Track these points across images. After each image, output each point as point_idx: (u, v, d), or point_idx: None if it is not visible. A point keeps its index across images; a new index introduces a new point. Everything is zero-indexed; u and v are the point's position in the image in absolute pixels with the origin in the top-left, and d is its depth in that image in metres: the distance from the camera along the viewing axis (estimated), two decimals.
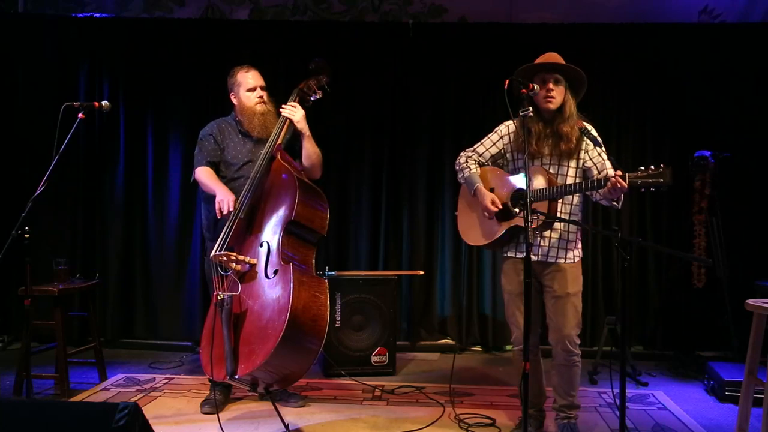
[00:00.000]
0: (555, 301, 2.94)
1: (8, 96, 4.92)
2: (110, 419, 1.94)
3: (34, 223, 3.17)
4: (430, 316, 4.99)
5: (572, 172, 2.94)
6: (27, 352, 3.31)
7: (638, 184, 2.57)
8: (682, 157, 4.47)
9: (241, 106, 3.41)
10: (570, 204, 2.96)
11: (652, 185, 2.55)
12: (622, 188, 2.62)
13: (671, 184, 2.54)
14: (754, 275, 4.27)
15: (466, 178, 3.10)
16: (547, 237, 2.95)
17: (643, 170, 2.57)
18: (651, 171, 2.55)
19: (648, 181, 2.55)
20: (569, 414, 3.03)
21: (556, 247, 2.95)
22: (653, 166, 2.56)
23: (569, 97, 2.89)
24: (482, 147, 3.14)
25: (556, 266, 2.95)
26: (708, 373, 3.92)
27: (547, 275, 2.96)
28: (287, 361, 2.81)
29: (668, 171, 2.52)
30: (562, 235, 2.95)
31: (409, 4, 5.02)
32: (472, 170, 3.09)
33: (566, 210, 2.95)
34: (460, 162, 3.15)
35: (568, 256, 2.96)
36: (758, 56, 4.67)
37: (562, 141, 2.88)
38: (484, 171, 3.11)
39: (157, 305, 4.96)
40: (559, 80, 2.87)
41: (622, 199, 2.82)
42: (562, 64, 2.89)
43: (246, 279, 2.98)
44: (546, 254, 2.95)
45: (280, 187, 3.08)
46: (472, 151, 3.14)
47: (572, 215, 2.96)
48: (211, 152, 3.39)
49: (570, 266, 2.95)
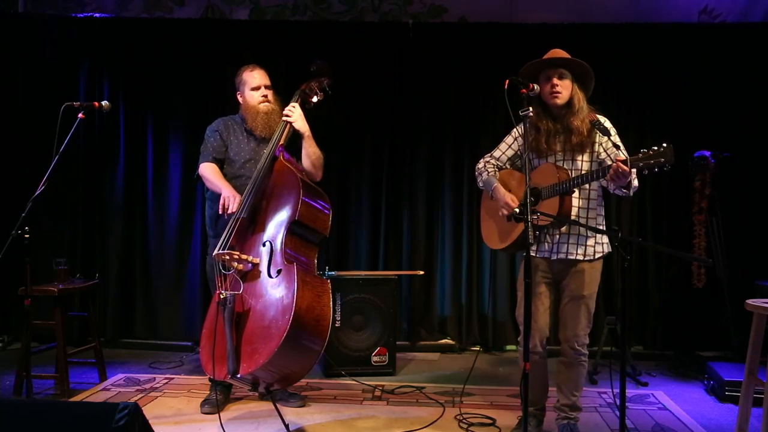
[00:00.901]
0: (569, 301, 2.95)
1: (8, 96, 4.92)
2: (110, 419, 1.94)
3: (34, 223, 3.17)
4: (430, 316, 4.99)
5: (586, 165, 2.93)
6: (27, 352, 3.31)
7: (640, 167, 2.55)
8: (682, 157, 4.46)
9: (246, 105, 3.43)
10: (587, 198, 2.94)
11: (655, 166, 2.51)
12: (624, 172, 2.59)
13: (674, 163, 2.49)
14: (754, 275, 4.27)
15: (485, 181, 3.12)
16: (559, 233, 2.94)
17: (645, 151, 2.54)
18: (652, 152, 2.52)
19: (650, 162, 2.52)
20: (570, 415, 3.03)
21: (566, 242, 2.93)
22: (655, 146, 2.53)
23: (577, 90, 2.89)
24: (498, 151, 3.15)
25: (575, 265, 2.93)
26: (708, 373, 3.92)
27: (565, 274, 2.96)
28: (289, 361, 2.81)
29: (669, 149, 2.48)
30: (573, 229, 2.94)
31: (409, 4, 5.02)
32: (489, 173, 3.11)
33: (584, 204, 2.94)
34: (479, 167, 3.17)
35: (587, 252, 2.92)
36: (758, 56, 4.67)
37: (573, 135, 2.87)
38: (502, 174, 3.13)
39: (157, 305, 4.96)
40: (563, 75, 2.87)
41: (634, 186, 2.77)
42: (564, 58, 2.89)
43: (248, 278, 2.98)
44: (560, 251, 2.94)
45: (283, 187, 3.08)
46: (490, 156, 3.17)
47: (590, 209, 2.95)
48: (216, 148, 3.41)
49: (589, 266, 2.94)
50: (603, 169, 2.73)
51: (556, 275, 3.00)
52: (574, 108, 2.88)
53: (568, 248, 2.94)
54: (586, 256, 2.93)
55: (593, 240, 2.94)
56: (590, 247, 2.94)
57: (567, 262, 2.95)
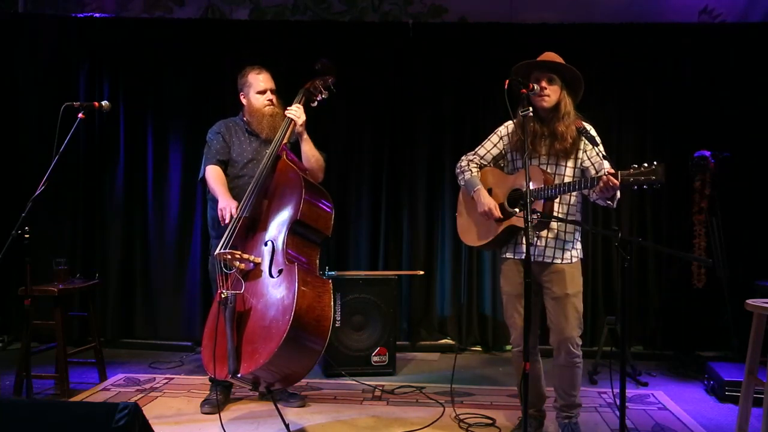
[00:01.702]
0: (555, 302, 2.94)
1: (8, 96, 4.92)
2: (110, 419, 1.94)
3: (34, 223, 3.17)
4: (430, 316, 4.99)
5: (570, 171, 2.93)
6: (27, 352, 3.31)
7: (630, 182, 2.55)
8: (682, 157, 4.47)
9: (251, 108, 3.43)
10: (567, 204, 2.95)
11: (645, 183, 2.51)
12: (614, 186, 2.59)
13: (664, 182, 2.49)
14: (754, 275, 4.26)
15: (467, 180, 3.10)
16: (543, 237, 2.93)
17: (635, 167, 2.54)
18: (644, 168, 2.52)
19: (640, 179, 2.52)
20: (570, 413, 3.03)
21: (552, 247, 2.94)
22: (646, 163, 2.53)
23: (565, 96, 2.88)
24: (483, 149, 3.14)
25: (553, 267, 2.94)
26: (708, 373, 3.92)
27: (545, 276, 2.96)
28: (290, 361, 2.81)
29: (661, 168, 2.48)
30: (559, 234, 2.94)
31: (409, 4, 5.02)
32: (473, 173, 3.10)
33: (563, 210, 2.94)
34: (462, 165, 3.16)
35: (565, 256, 2.94)
36: (758, 56, 4.67)
37: (557, 140, 2.88)
38: (484, 172, 3.12)
39: (157, 305, 4.96)
40: (553, 79, 2.87)
41: (618, 198, 2.79)
42: (554, 63, 2.88)
43: (250, 278, 2.98)
44: (542, 254, 2.94)
45: (286, 187, 3.08)
46: (473, 154, 3.15)
47: (570, 215, 2.95)
48: (220, 151, 3.41)
49: (568, 267, 2.94)
50: (591, 179, 2.72)
51: (534, 276, 2.95)
52: (560, 113, 2.88)
53: (546, 251, 2.93)
54: (563, 260, 2.94)
55: (571, 245, 2.95)
56: (567, 251, 2.94)
57: (544, 265, 2.95)
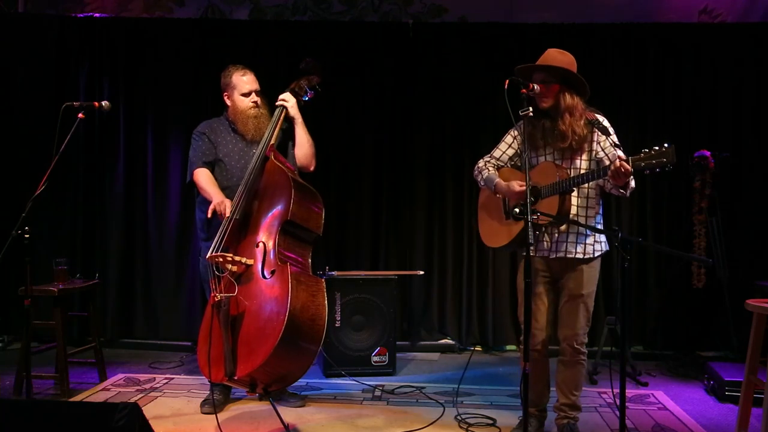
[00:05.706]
0: (568, 300, 2.96)
1: (8, 96, 4.92)
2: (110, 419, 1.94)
3: (34, 223, 3.17)
4: (430, 316, 4.99)
5: (585, 165, 2.93)
6: (27, 352, 3.30)
7: (642, 167, 2.55)
8: (682, 157, 4.45)
9: (235, 109, 3.43)
10: (586, 197, 2.95)
11: (657, 166, 2.51)
12: (627, 172, 2.59)
13: (675, 163, 2.49)
14: (754, 275, 4.26)
15: (485, 179, 3.12)
16: (557, 232, 2.94)
17: (647, 151, 2.55)
18: (654, 152, 2.53)
19: (651, 162, 2.52)
20: (569, 414, 3.03)
21: (573, 242, 2.93)
22: (656, 146, 2.53)
23: (564, 95, 2.87)
24: (498, 151, 3.16)
25: (573, 265, 2.94)
26: (708, 373, 3.92)
27: (564, 273, 2.97)
28: (286, 362, 2.81)
29: (671, 149, 2.48)
30: (572, 228, 2.94)
31: (409, 4, 5.02)
32: (490, 171, 3.11)
33: (582, 203, 2.94)
34: (479, 166, 3.17)
35: (587, 250, 2.93)
36: (758, 56, 4.67)
37: (559, 139, 2.89)
38: (501, 172, 3.13)
39: (157, 305, 4.95)
40: (548, 80, 2.87)
41: (631, 187, 2.79)
42: (547, 65, 2.87)
43: (243, 280, 2.97)
44: (558, 249, 2.94)
45: (275, 188, 3.08)
46: (489, 156, 3.17)
47: (589, 207, 2.95)
48: (205, 152, 3.40)
49: (587, 266, 2.94)
50: (603, 169, 2.73)
51: (554, 274, 3.01)
52: (560, 112, 2.88)
53: (567, 247, 2.94)
54: (585, 255, 2.94)
55: (592, 238, 2.95)
56: (589, 245, 2.94)
57: (566, 261, 2.95)
